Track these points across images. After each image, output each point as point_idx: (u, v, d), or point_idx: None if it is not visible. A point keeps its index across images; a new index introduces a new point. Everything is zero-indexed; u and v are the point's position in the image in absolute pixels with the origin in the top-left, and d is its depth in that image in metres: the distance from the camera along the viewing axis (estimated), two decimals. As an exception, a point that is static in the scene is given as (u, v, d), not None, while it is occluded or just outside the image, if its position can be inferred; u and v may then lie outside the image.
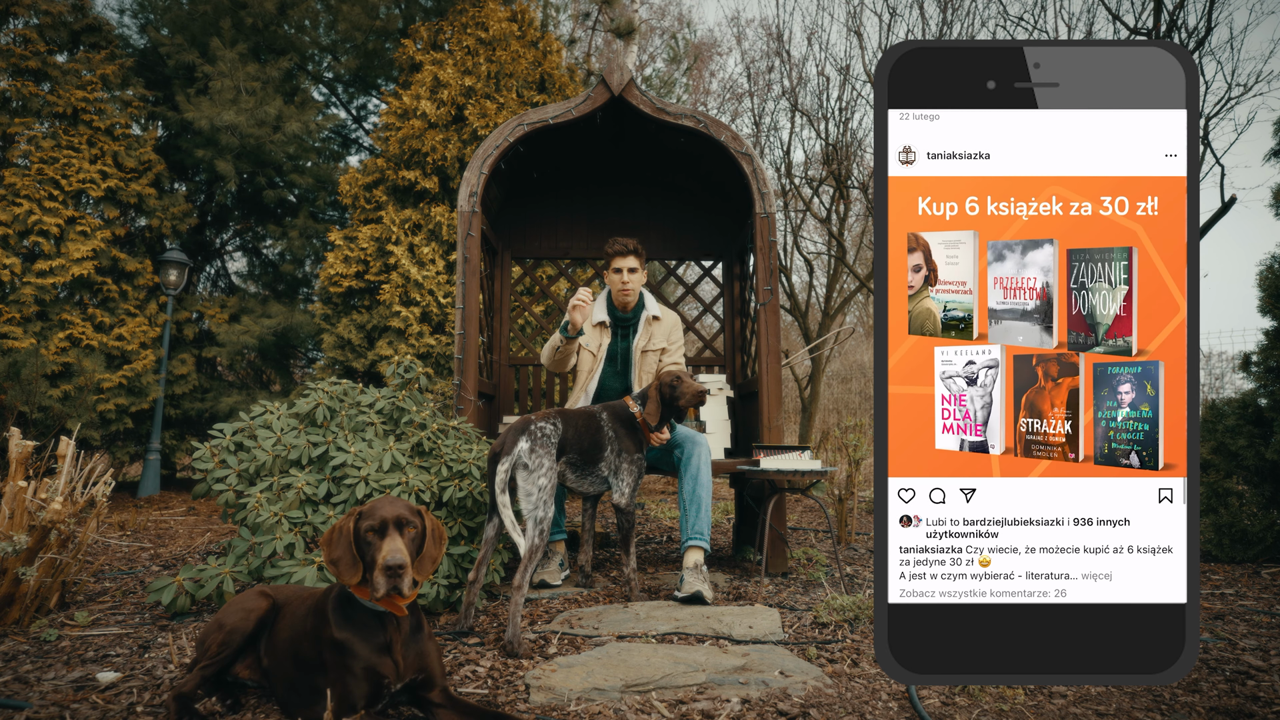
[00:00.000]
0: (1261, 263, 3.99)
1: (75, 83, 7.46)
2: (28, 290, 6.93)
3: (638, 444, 3.03)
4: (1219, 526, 3.80)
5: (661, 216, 4.76)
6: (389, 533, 1.65)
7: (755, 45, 19.69)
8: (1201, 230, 6.64)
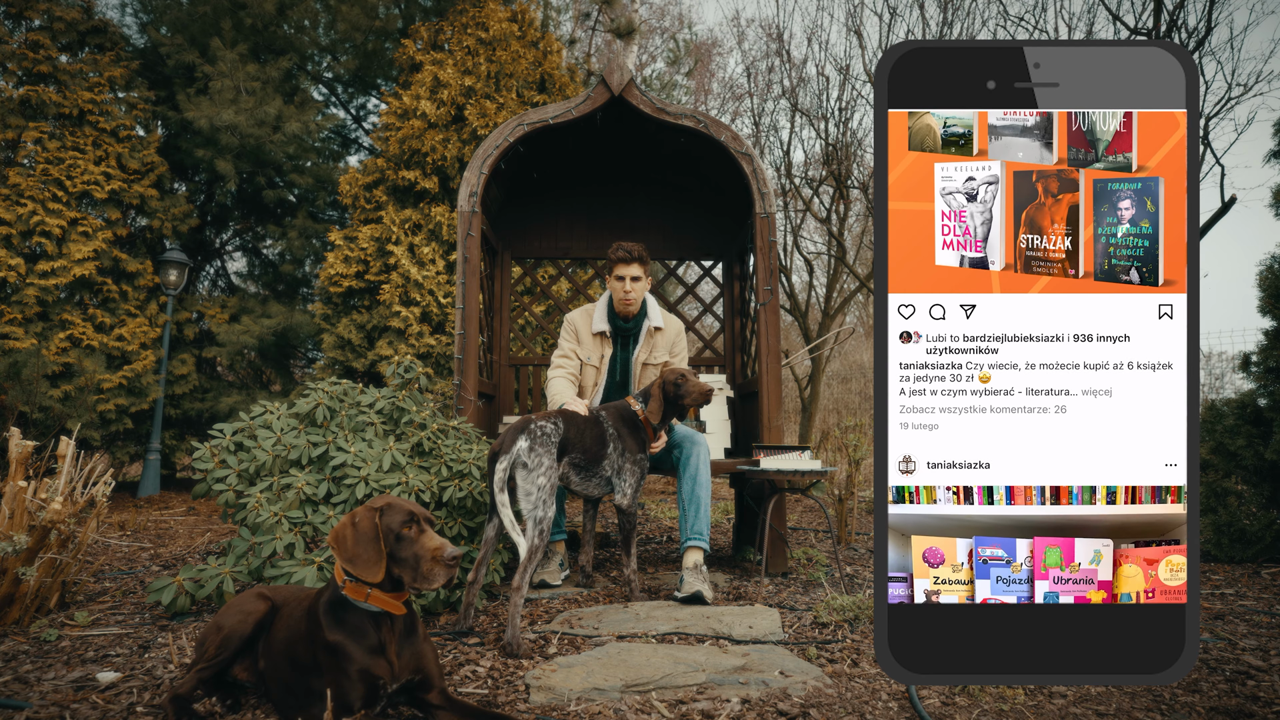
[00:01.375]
0: (1261, 263, 3.99)
1: (82, 84, 7.46)
2: (30, 291, 6.93)
3: (640, 444, 3.02)
4: (1218, 526, 3.80)
5: (661, 216, 4.76)
6: (425, 528, 1.66)
7: (755, 45, 19.68)
8: (1201, 230, 6.64)
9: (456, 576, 1.62)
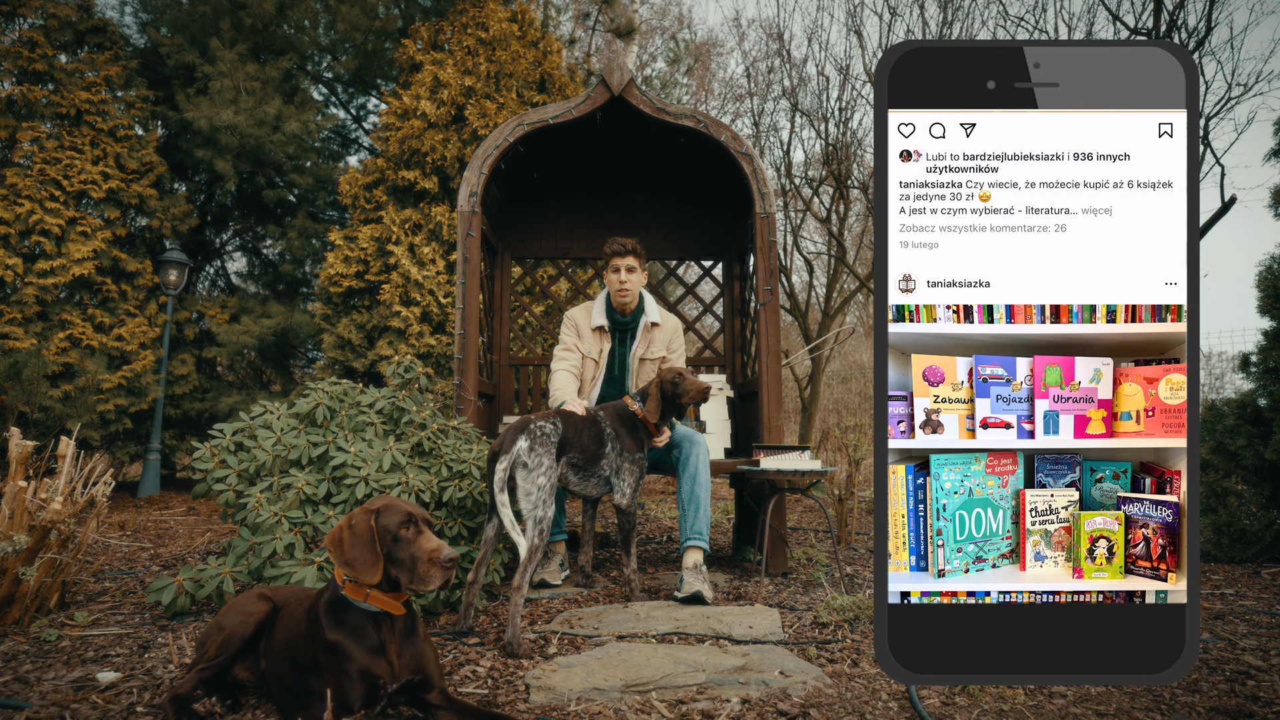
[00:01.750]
0: (1261, 263, 3.99)
1: (79, 84, 7.46)
2: (29, 291, 6.93)
3: (639, 444, 3.02)
4: (1218, 526, 3.80)
5: (661, 216, 4.76)
6: (421, 528, 1.65)
7: (756, 45, 19.69)
8: (1201, 230, 6.64)
9: (454, 578, 1.61)
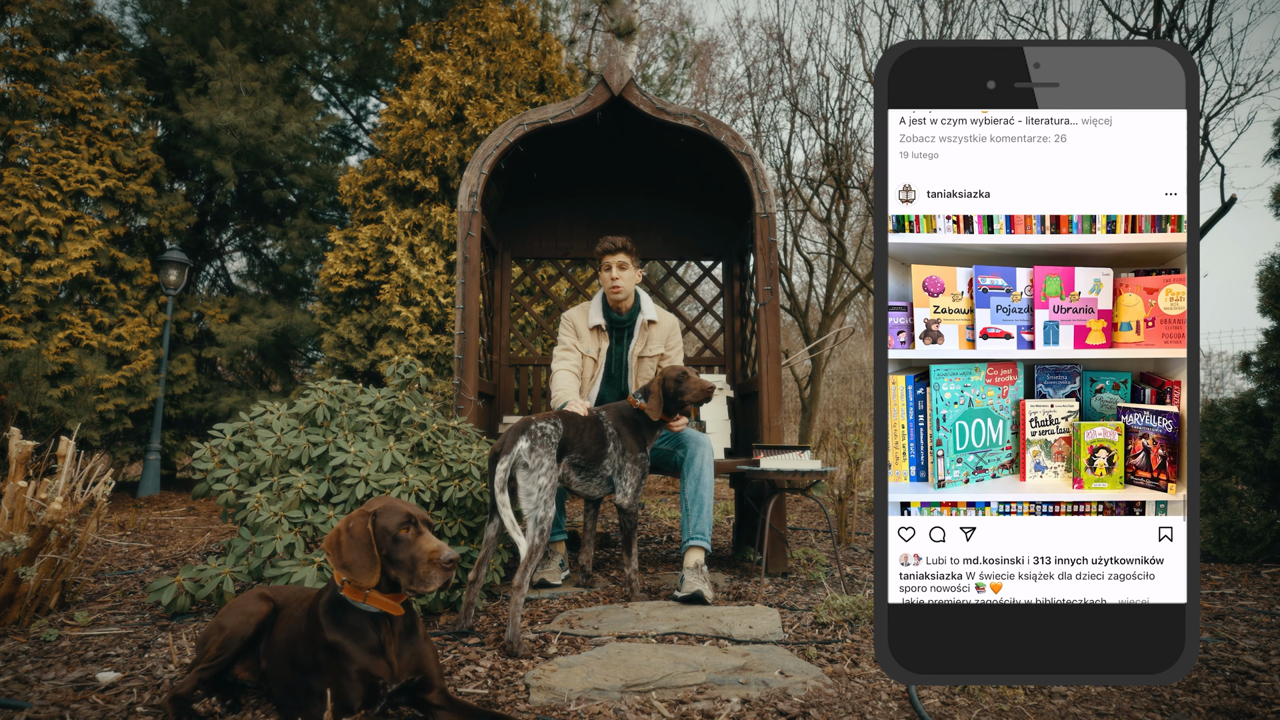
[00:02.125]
0: (1261, 263, 3.99)
1: (73, 83, 7.45)
2: (28, 290, 6.93)
3: (641, 443, 3.02)
4: (1218, 526, 3.80)
5: (661, 216, 4.76)
6: (421, 529, 1.65)
7: (756, 46, 19.69)
8: (1201, 230, 6.64)
9: (454, 578, 1.61)
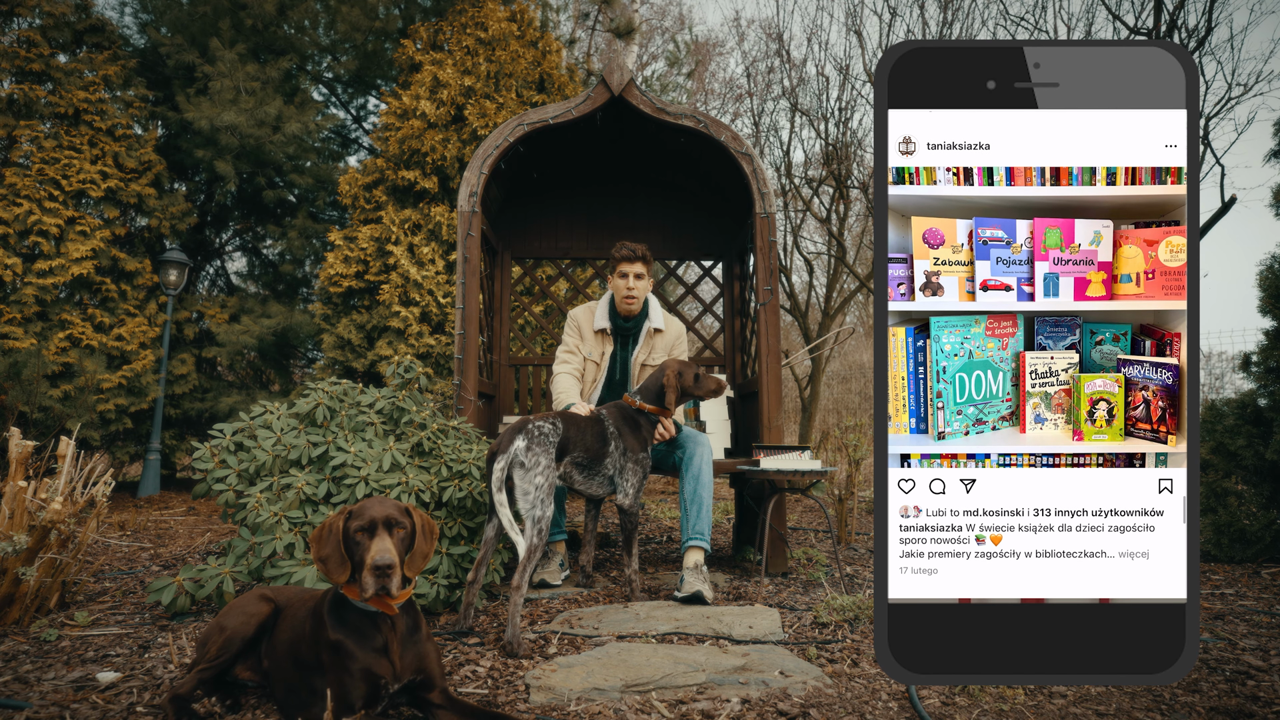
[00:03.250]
0: (1261, 263, 3.99)
1: (77, 83, 7.45)
2: (29, 290, 6.93)
3: (642, 443, 3.03)
4: (1218, 526, 3.80)
5: (661, 216, 4.76)
6: (378, 532, 1.65)
7: (756, 46, 19.69)
8: (1201, 230, 6.64)
9: (388, 586, 1.60)
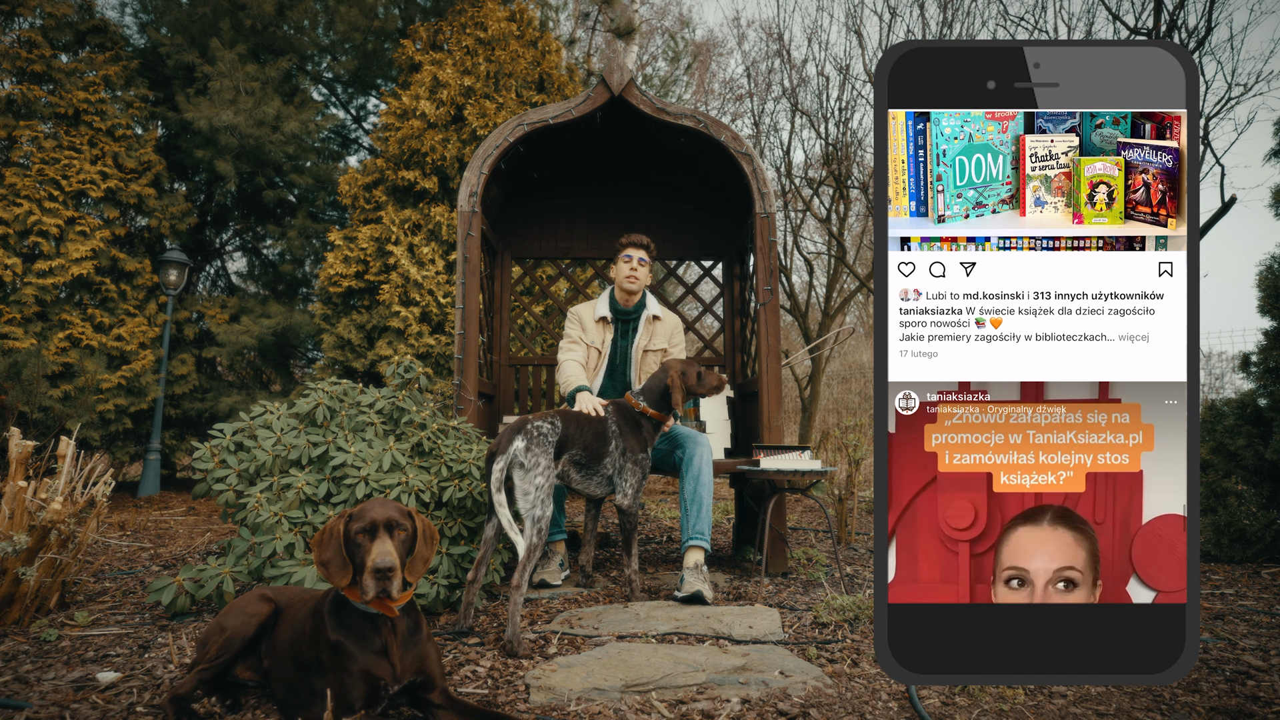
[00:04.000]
0: (1261, 263, 3.99)
1: (78, 84, 7.45)
2: (28, 290, 6.93)
3: (642, 444, 3.03)
4: (1218, 526, 3.80)
5: (661, 216, 4.76)
6: (379, 535, 1.64)
7: (756, 46, 19.70)
8: (1201, 230, 6.64)
9: (389, 588, 1.60)
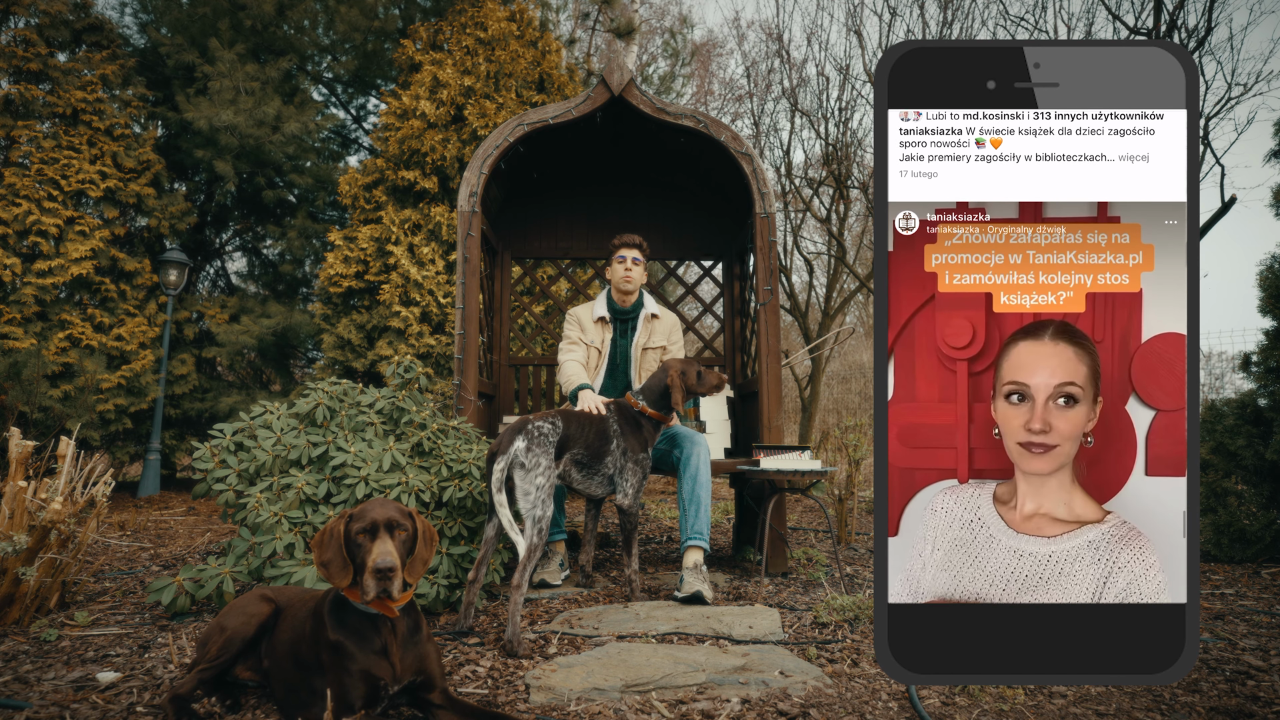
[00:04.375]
0: (1261, 263, 3.99)
1: (75, 83, 7.45)
2: (28, 290, 6.93)
3: (642, 443, 3.03)
4: (1218, 526, 3.80)
5: (661, 217, 4.76)
6: (379, 535, 1.64)
7: (756, 46, 19.70)
8: (1201, 230, 6.64)
9: (390, 589, 1.60)
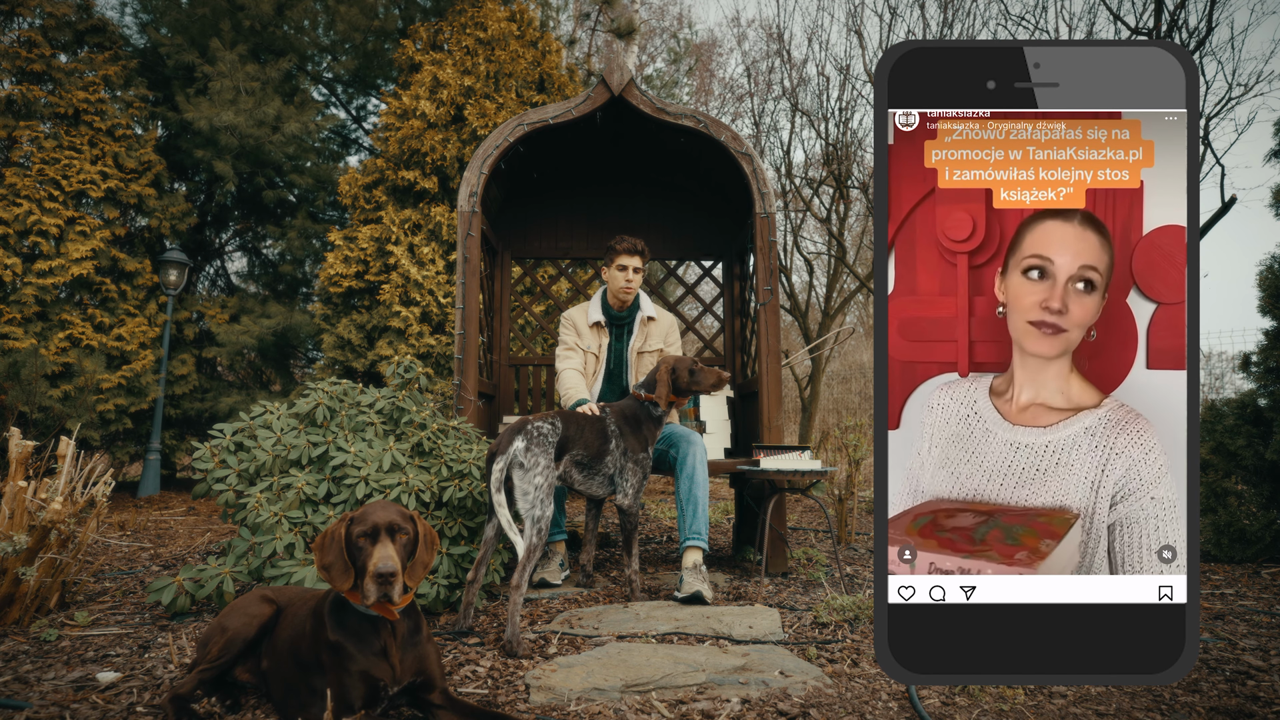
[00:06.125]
0: (1261, 263, 3.99)
1: (77, 84, 7.46)
2: (28, 290, 6.93)
3: (642, 443, 3.03)
4: (1218, 526, 3.80)
5: (661, 217, 4.76)
6: (380, 539, 1.64)
7: (756, 46, 19.69)
8: (1201, 230, 6.64)
9: (390, 593, 1.60)
